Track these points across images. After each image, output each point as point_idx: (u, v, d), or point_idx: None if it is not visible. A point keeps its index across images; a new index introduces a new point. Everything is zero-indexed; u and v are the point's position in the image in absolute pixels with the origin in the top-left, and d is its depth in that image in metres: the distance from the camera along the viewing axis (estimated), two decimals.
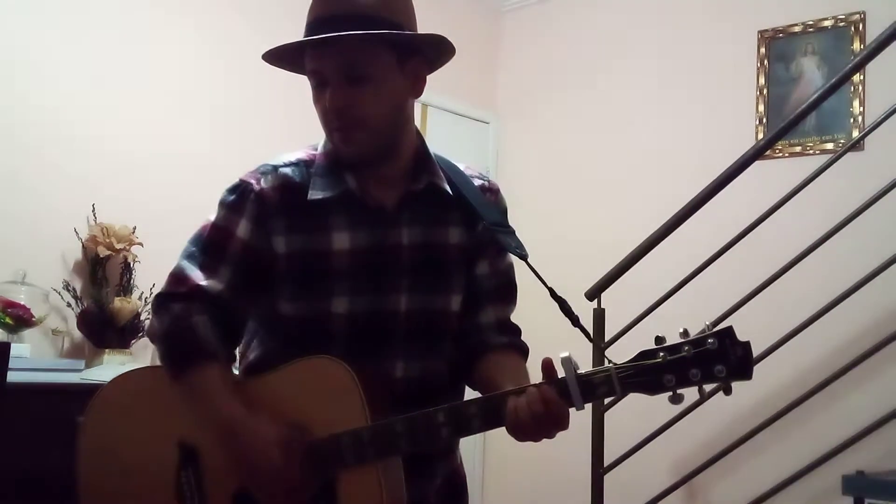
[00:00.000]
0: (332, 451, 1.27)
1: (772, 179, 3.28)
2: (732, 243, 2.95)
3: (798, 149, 3.55)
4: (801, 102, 3.05)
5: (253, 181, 1.39)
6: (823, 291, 2.89)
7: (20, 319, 2.66)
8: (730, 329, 1.17)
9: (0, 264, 2.73)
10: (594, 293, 3.06)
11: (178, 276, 1.39)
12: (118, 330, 2.87)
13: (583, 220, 4.19)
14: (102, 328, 2.85)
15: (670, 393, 1.18)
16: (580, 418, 3.32)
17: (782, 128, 2.85)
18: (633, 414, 3.14)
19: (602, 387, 1.20)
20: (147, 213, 3.06)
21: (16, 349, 2.38)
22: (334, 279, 1.36)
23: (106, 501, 1.44)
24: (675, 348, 1.17)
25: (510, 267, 1.52)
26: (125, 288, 2.96)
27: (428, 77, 1.43)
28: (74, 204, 2.95)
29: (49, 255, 2.90)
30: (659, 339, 1.19)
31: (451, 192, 1.43)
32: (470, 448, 4.23)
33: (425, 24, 1.37)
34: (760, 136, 3.58)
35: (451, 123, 4.38)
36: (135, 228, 3.00)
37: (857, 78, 3.34)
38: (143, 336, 2.98)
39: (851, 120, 3.43)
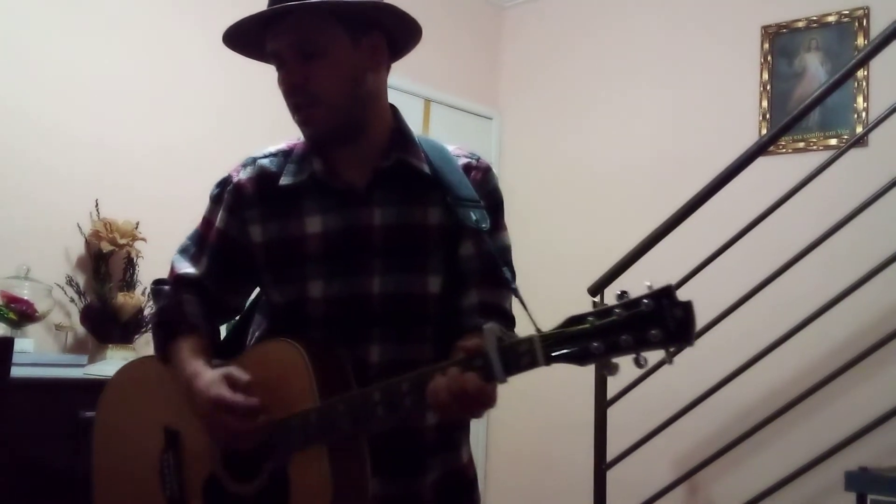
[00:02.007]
0: (282, 434, 1.28)
1: (775, 175, 3.27)
2: (735, 239, 2.94)
3: (801, 145, 3.55)
4: (804, 98, 3.04)
5: (233, 173, 1.46)
6: (827, 287, 2.88)
7: (24, 314, 2.67)
8: (668, 288, 1.02)
9: (3, 259, 2.74)
10: (597, 289, 3.06)
11: (170, 268, 1.50)
12: (121, 325, 2.88)
13: (585, 216, 4.19)
14: (105, 323, 2.86)
15: (604, 363, 1.06)
16: (583, 415, 3.32)
17: (786, 123, 2.85)
18: (636, 410, 3.16)
19: (525, 357, 1.09)
20: (150, 209, 3.06)
21: (19, 344, 2.38)
22: (309, 263, 1.37)
23: (109, 487, 1.50)
24: (605, 312, 1.04)
25: (502, 250, 1.43)
26: (128, 283, 2.96)
27: (431, 72, 1.42)
28: (77, 199, 2.95)
29: (52, 251, 2.90)
30: (596, 304, 1.08)
31: (427, 170, 1.39)
32: (473, 443, 4.22)
33: (428, 20, 1.37)
34: (764, 131, 3.57)
35: (453, 119, 4.37)
36: (138, 224, 3.00)
37: (860, 73, 3.33)
38: (145, 331, 2.99)
39: (855, 116, 3.42)
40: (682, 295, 1.02)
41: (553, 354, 1.08)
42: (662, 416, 3.04)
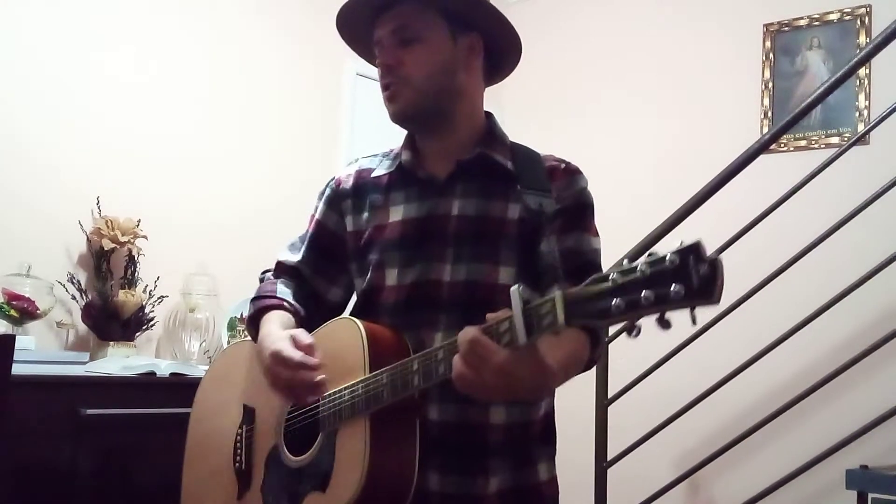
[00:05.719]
0: (335, 405, 1.33)
1: (777, 174, 3.27)
2: (737, 238, 2.94)
3: (803, 143, 3.54)
4: (806, 96, 3.04)
5: (338, 173, 1.58)
6: (829, 285, 2.88)
7: (25, 312, 2.67)
8: (697, 244, 0.94)
9: (5, 257, 2.74)
10: None
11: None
12: (122, 323, 2.87)
13: None
14: (107, 321, 2.85)
15: (628, 325, 1.00)
16: (583, 413, 3.32)
17: (787, 122, 2.84)
18: (637, 408, 3.15)
19: (547, 317, 1.05)
20: (152, 206, 3.06)
21: (21, 342, 2.38)
22: (387, 251, 1.43)
23: (193, 463, 1.62)
24: (629, 270, 0.98)
25: (586, 252, 1.44)
26: (129, 281, 2.96)
27: None
28: (79, 197, 2.95)
29: (54, 248, 2.90)
30: (623, 264, 1.02)
31: (510, 166, 1.44)
32: None
33: None
34: (765, 129, 3.57)
35: None
36: (139, 221, 3.00)
37: (862, 72, 3.33)
38: (147, 329, 2.99)
39: (857, 114, 3.42)
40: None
41: (573, 313, 1.03)
42: (663, 415, 3.03)
